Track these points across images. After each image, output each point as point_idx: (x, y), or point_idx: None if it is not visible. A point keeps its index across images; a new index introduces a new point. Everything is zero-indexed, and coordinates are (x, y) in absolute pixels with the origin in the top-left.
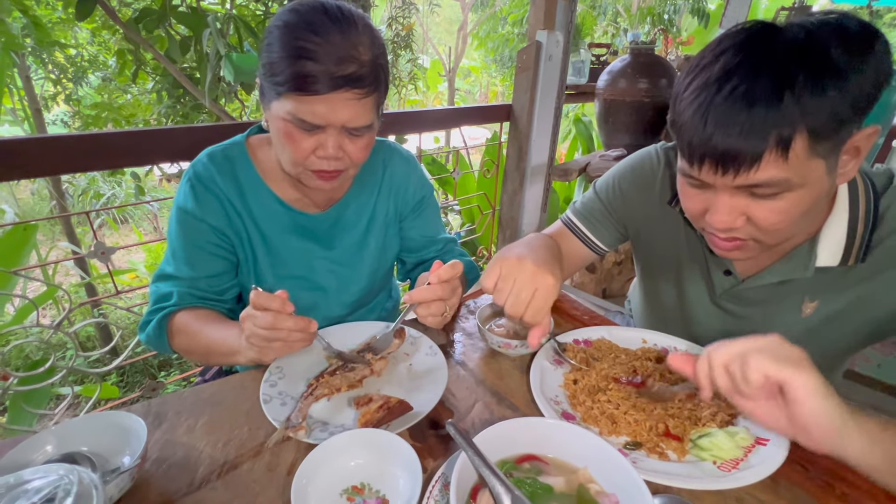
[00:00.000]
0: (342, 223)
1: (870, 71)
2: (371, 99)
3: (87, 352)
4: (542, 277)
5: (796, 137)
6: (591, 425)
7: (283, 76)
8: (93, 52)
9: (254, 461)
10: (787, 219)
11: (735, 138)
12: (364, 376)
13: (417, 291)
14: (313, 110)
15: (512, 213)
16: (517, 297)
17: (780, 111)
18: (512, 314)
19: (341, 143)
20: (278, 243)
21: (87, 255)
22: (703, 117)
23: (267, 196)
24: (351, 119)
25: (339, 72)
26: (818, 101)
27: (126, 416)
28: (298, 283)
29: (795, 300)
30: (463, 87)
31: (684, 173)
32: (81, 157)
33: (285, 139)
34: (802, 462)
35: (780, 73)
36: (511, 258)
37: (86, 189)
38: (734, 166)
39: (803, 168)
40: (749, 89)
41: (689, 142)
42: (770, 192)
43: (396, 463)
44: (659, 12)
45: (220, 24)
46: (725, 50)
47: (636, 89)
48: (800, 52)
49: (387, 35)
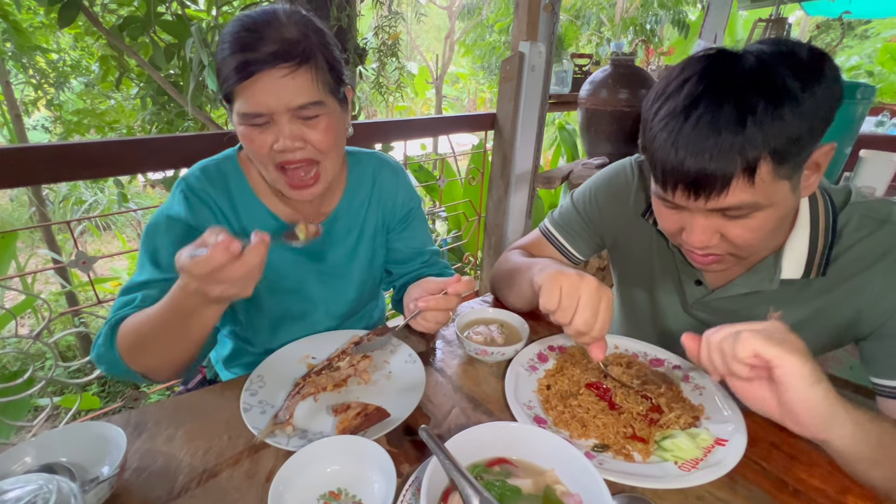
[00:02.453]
0: (333, 236)
1: (822, 94)
2: (306, 72)
3: (67, 362)
4: (605, 292)
5: (761, 162)
6: (562, 429)
7: (223, 74)
8: (75, 57)
9: (233, 469)
10: (759, 235)
11: (705, 164)
12: (349, 375)
13: (434, 300)
14: (251, 98)
15: (497, 219)
16: (585, 313)
17: (745, 137)
18: (582, 330)
19: (298, 133)
20: (271, 256)
21: (67, 264)
22: (674, 145)
23: (259, 210)
24: (292, 97)
25: (263, 48)
26: (778, 126)
27: (105, 427)
28: (290, 297)
29: (762, 310)
30: (451, 93)
31: (659, 196)
32: (62, 168)
33: (247, 143)
34: (758, 460)
35: (740, 101)
36: (572, 275)
37: (67, 195)
38: (705, 192)
39: (769, 190)
40: (714, 117)
41: (661, 169)
42: (741, 213)
43: (372, 468)
44: (641, 23)
45: (204, 33)
46: (689, 78)
47: (617, 99)
48: (757, 81)
49: (373, 44)
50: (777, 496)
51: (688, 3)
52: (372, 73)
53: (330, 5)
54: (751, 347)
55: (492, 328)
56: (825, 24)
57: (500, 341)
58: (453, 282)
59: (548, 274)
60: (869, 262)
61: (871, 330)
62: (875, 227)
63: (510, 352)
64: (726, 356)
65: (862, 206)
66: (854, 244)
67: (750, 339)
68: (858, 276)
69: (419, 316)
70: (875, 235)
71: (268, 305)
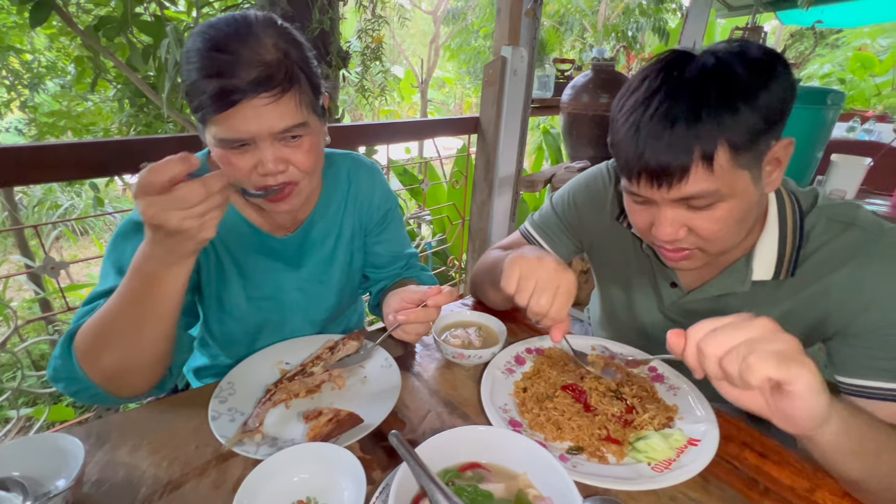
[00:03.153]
0: (309, 243)
1: (775, 88)
2: (291, 97)
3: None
4: (563, 274)
5: (718, 150)
6: (538, 431)
7: (199, 100)
8: (51, 57)
9: (199, 479)
10: (724, 227)
11: (663, 154)
12: (323, 380)
13: (413, 313)
14: (231, 126)
15: (481, 223)
16: (540, 295)
17: (700, 127)
18: (536, 312)
19: (281, 155)
20: (248, 264)
21: (36, 269)
22: (635, 136)
23: (234, 218)
24: (274, 123)
25: (246, 78)
26: (732, 117)
27: (62, 438)
28: (269, 304)
29: (734, 311)
30: (437, 98)
31: (627, 190)
32: (33, 170)
33: (224, 166)
34: (730, 460)
35: (696, 94)
36: (530, 258)
37: (42, 199)
38: (667, 180)
39: (729, 178)
40: (671, 108)
41: (625, 159)
42: (705, 203)
43: (343, 475)
44: (623, 29)
45: (181, 34)
46: (648, 75)
47: (598, 104)
48: (712, 75)
49: (357, 47)
50: (748, 495)
51: (668, 11)
52: (356, 77)
53: (312, 8)
54: (763, 375)
55: (469, 331)
56: (799, 33)
57: (478, 344)
58: (433, 293)
59: (510, 258)
60: (835, 264)
61: (836, 330)
62: (840, 231)
63: (487, 355)
64: (731, 377)
65: (828, 210)
66: (821, 246)
67: (759, 366)
68: (825, 277)
69: (399, 328)
70: (840, 238)
71: (245, 314)
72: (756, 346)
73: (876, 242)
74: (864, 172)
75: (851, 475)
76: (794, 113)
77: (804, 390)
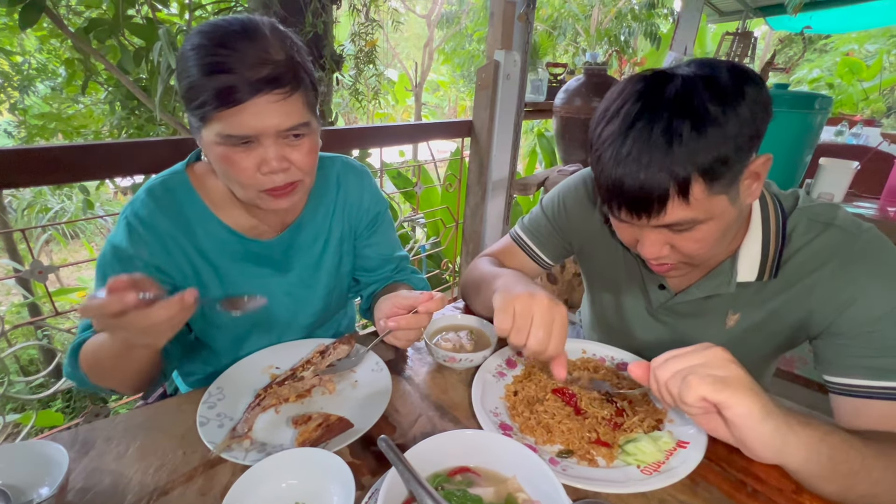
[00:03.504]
0: (297, 246)
1: (745, 113)
2: (297, 97)
3: (30, 376)
4: (557, 309)
5: (692, 182)
6: (528, 435)
7: (203, 97)
8: (41, 59)
9: (186, 486)
10: (705, 245)
11: (641, 189)
12: (313, 385)
13: (404, 319)
14: (240, 122)
15: (475, 226)
16: (538, 333)
17: (673, 159)
18: (535, 350)
19: (283, 153)
20: (231, 272)
21: (23, 274)
22: (614, 168)
23: (215, 226)
24: (281, 121)
25: (255, 76)
26: (703, 146)
27: (46, 445)
28: (256, 312)
29: (721, 313)
30: (432, 101)
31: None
32: (20, 172)
33: (225, 165)
34: (719, 462)
35: (668, 125)
36: (523, 295)
37: (31, 203)
38: (646, 212)
39: (706, 206)
40: (646, 140)
41: (606, 191)
42: (685, 228)
43: (332, 481)
44: (615, 34)
45: (173, 36)
46: (627, 100)
47: (590, 107)
48: (681, 105)
49: (351, 51)
50: (736, 497)
51: (659, 17)
52: (350, 80)
53: (305, 11)
54: (698, 394)
55: (461, 335)
56: (788, 38)
57: (469, 348)
58: (425, 299)
59: (500, 296)
60: (816, 264)
61: (820, 329)
62: (820, 231)
63: (478, 358)
64: (675, 398)
65: (808, 211)
66: (802, 247)
67: (696, 385)
68: (808, 277)
69: (390, 334)
70: (821, 238)
71: (229, 322)
72: (698, 370)
73: (855, 241)
74: (852, 176)
75: (828, 495)
76: (783, 117)
77: (743, 416)
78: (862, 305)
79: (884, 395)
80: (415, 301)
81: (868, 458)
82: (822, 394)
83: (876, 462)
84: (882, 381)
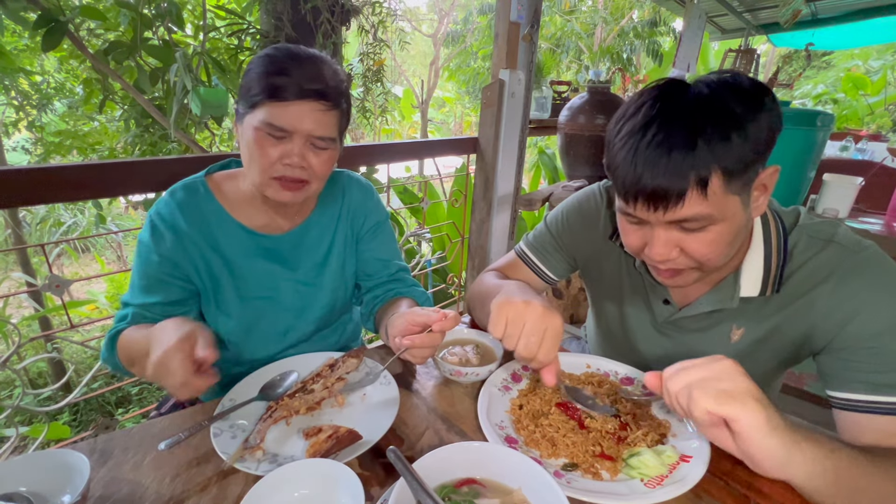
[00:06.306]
0: (305, 244)
1: (763, 119)
2: (334, 115)
3: (38, 389)
4: (550, 318)
5: (712, 177)
6: (533, 448)
7: (258, 88)
8: (60, 79)
9: (200, 496)
10: (715, 249)
11: (661, 179)
12: (323, 398)
13: (419, 338)
14: (283, 114)
15: (480, 241)
16: (528, 339)
17: (696, 155)
18: (525, 356)
19: (305, 154)
20: (243, 267)
21: (40, 288)
22: (633, 161)
23: (230, 225)
24: (316, 128)
25: (307, 84)
26: (725, 146)
27: (68, 454)
28: (265, 303)
29: (725, 327)
30: (437, 117)
31: (622, 211)
32: (40, 191)
33: (256, 147)
34: (722, 476)
35: (691, 123)
36: (517, 302)
37: (45, 217)
38: (663, 203)
39: (721, 203)
40: (667, 137)
41: (622, 182)
42: (698, 226)
43: (341, 492)
44: (618, 51)
45: (189, 59)
46: (644, 102)
47: (594, 124)
48: (706, 106)
49: (359, 70)
50: None
51: (661, 34)
52: (358, 97)
53: (316, 33)
54: (703, 407)
55: (467, 349)
56: (789, 55)
57: (475, 362)
58: (439, 318)
59: (496, 302)
60: (817, 279)
61: (823, 345)
62: (821, 247)
63: (484, 372)
64: (684, 410)
65: (809, 228)
66: (804, 263)
67: (702, 399)
68: (809, 293)
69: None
70: (821, 255)
71: (239, 311)
72: (705, 383)
73: (854, 258)
74: (856, 191)
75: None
76: (787, 134)
77: (748, 429)
78: (863, 320)
79: (885, 410)
80: (429, 319)
81: (873, 475)
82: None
83: (881, 479)
84: (883, 396)
